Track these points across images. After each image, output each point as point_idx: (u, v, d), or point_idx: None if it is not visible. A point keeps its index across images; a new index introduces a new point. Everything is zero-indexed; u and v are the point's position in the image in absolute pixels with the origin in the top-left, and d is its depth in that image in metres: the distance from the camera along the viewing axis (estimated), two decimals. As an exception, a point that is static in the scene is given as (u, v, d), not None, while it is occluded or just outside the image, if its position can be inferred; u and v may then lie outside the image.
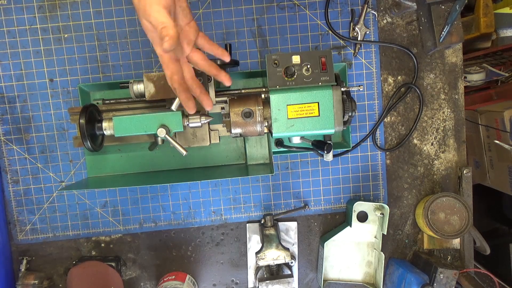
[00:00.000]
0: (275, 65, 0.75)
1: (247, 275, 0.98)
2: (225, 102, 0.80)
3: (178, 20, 0.63)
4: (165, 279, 0.92)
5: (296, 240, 0.97)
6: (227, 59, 0.69)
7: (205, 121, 0.76)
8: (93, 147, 0.75)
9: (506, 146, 1.27)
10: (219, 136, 0.83)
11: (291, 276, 0.90)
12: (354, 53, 0.94)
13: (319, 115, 0.74)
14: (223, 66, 0.82)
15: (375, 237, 0.96)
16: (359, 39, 0.93)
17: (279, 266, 0.92)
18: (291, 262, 0.90)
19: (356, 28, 0.92)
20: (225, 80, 0.69)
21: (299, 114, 0.74)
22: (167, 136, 0.73)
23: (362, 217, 0.95)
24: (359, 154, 0.96)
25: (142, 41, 0.92)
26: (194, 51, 0.67)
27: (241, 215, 0.97)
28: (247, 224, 0.97)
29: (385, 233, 0.92)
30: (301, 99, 0.74)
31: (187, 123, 0.76)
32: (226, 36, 0.93)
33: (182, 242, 0.97)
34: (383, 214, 0.92)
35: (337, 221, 0.98)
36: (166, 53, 0.62)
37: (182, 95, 0.66)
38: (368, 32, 0.93)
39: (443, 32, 0.87)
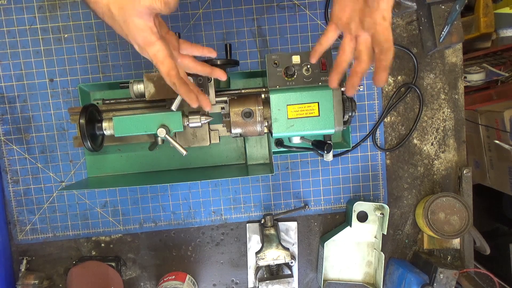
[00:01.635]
0: (275, 65, 0.75)
1: (247, 275, 0.98)
2: (225, 102, 0.80)
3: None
4: (165, 279, 0.92)
5: (296, 240, 0.97)
6: (213, 54, 0.70)
7: (205, 121, 0.76)
8: (93, 147, 0.75)
9: (506, 146, 1.27)
10: (219, 136, 0.83)
11: (291, 276, 0.90)
12: (354, 53, 0.94)
13: (319, 115, 0.74)
14: (222, 66, 0.82)
15: (375, 237, 0.96)
16: (359, 39, 0.92)
17: (279, 266, 0.92)
18: (291, 262, 0.90)
19: (356, 28, 0.92)
20: (220, 75, 0.70)
21: (299, 114, 0.74)
22: (167, 136, 0.73)
23: (362, 217, 0.95)
24: (359, 154, 0.96)
25: (142, 41, 0.92)
26: (183, 56, 0.68)
27: (241, 215, 0.97)
28: (247, 224, 0.97)
29: (385, 233, 0.92)
30: (301, 99, 0.74)
31: (187, 123, 0.76)
32: (226, 36, 0.93)
33: (182, 242, 0.97)
34: (383, 214, 0.91)
35: (337, 221, 0.98)
36: (160, 51, 0.61)
37: (182, 89, 0.63)
38: (368, 32, 0.93)
39: (443, 32, 0.87)
